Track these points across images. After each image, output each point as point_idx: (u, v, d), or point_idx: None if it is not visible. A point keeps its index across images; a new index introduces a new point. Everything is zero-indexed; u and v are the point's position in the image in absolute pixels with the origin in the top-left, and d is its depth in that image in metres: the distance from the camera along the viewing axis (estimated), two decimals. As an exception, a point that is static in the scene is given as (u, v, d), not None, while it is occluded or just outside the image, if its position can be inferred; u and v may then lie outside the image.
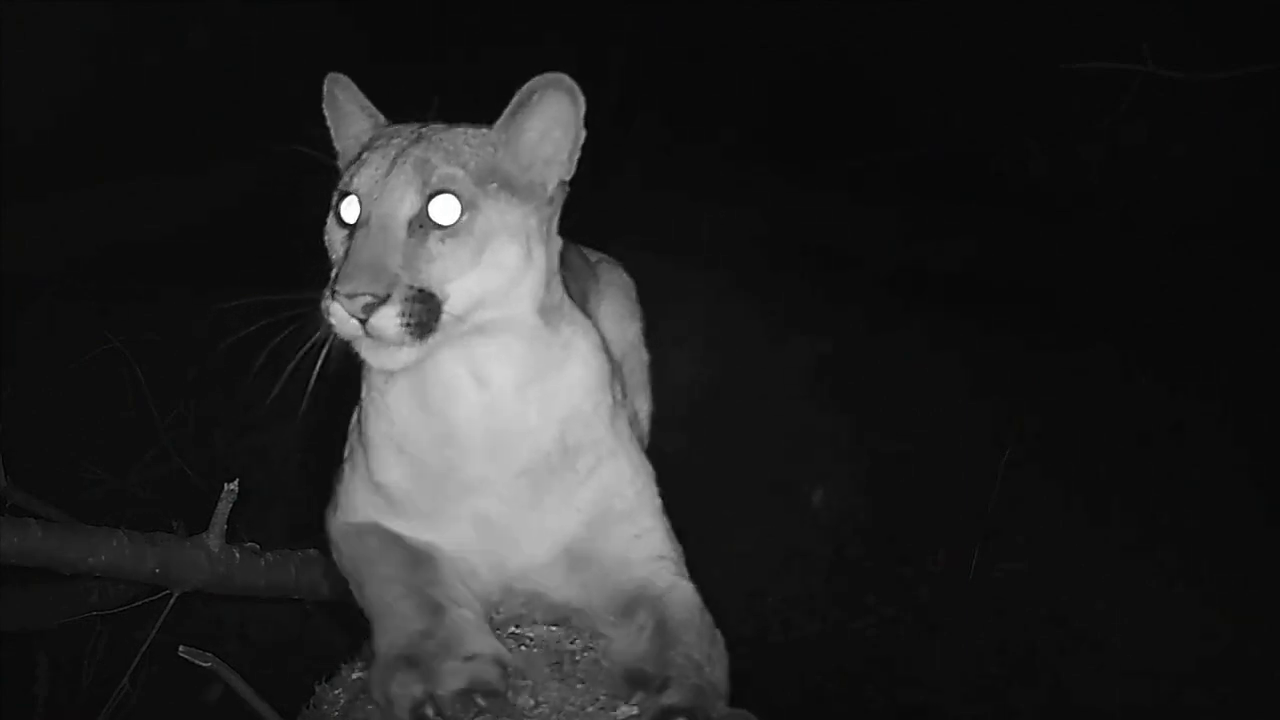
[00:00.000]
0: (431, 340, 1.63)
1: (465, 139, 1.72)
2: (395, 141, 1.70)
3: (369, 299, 1.56)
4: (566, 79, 1.74)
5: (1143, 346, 6.83)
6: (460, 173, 1.66)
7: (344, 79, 1.86)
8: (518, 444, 1.80)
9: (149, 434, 5.16)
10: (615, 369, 2.02)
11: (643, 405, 2.51)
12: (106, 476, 5.05)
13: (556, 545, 1.86)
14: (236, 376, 6.08)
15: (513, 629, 1.88)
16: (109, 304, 6.14)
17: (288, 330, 1.71)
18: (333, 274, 1.64)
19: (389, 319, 1.58)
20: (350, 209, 1.68)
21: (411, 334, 1.60)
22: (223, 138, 8.29)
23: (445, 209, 1.64)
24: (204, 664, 2.31)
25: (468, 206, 1.65)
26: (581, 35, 9.53)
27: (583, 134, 1.77)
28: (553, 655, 1.82)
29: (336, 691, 1.89)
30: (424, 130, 1.73)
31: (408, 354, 1.63)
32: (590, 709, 1.69)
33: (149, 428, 5.14)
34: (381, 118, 1.85)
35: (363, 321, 1.58)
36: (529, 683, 1.73)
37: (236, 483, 2.45)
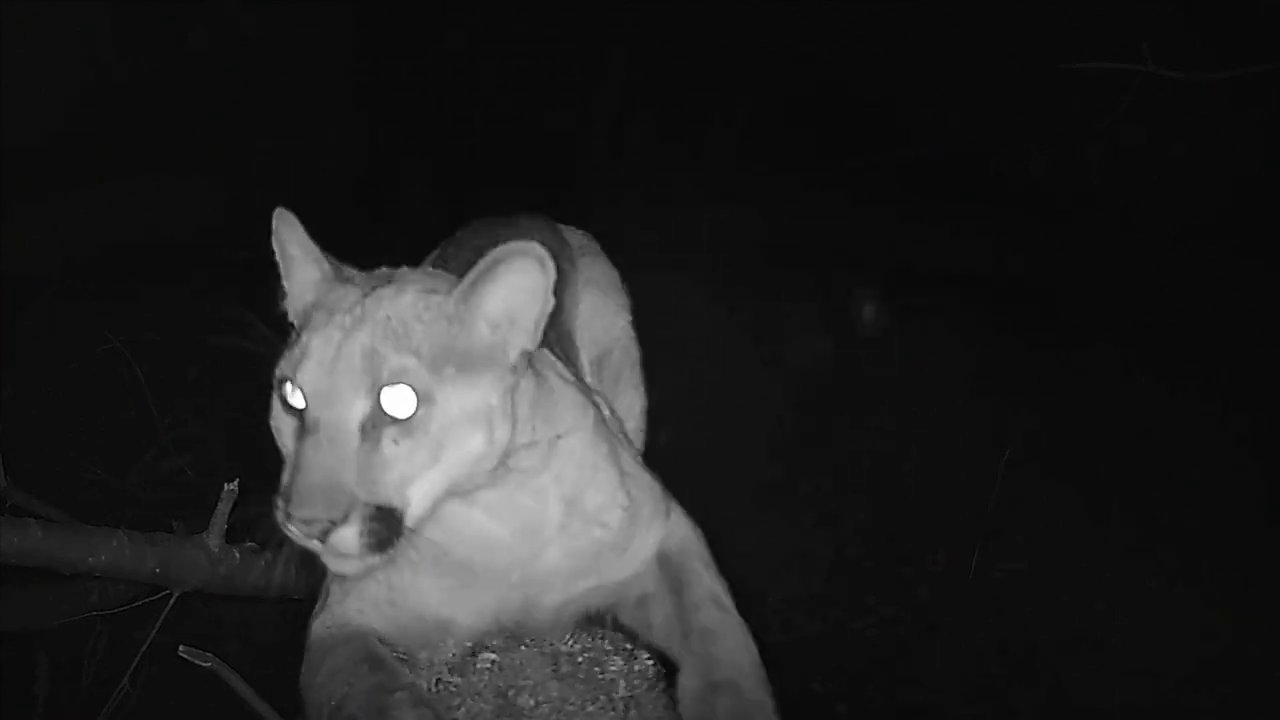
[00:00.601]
0: (395, 549, 1.52)
1: (417, 312, 1.54)
2: (337, 320, 1.53)
3: (325, 524, 1.46)
4: (536, 248, 1.55)
5: (1143, 346, 6.83)
6: (413, 362, 1.49)
7: (289, 217, 1.68)
8: (537, 534, 1.75)
9: (149, 434, 5.16)
10: (598, 393, 2.01)
11: (636, 401, 2.46)
12: (106, 476, 5.05)
13: (561, 587, 1.82)
14: (236, 376, 6.10)
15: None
16: (109, 304, 6.15)
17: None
18: (283, 479, 1.51)
19: (348, 540, 1.47)
20: (295, 398, 1.54)
21: (372, 550, 1.49)
22: (223, 138, 8.30)
23: (399, 400, 1.49)
24: (204, 664, 2.31)
25: (423, 399, 1.49)
26: (582, 35, 9.54)
27: (551, 303, 1.59)
28: (552, 655, 1.82)
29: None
30: (370, 303, 1.54)
31: (371, 562, 1.52)
32: (590, 709, 1.69)
33: (149, 428, 5.14)
34: (327, 265, 1.67)
35: (320, 539, 1.48)
36: (529, 683, 1.73)
37: (236, 483, 2.45)
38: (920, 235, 8.46)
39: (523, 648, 1.83)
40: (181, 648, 2.23)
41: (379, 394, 1.49)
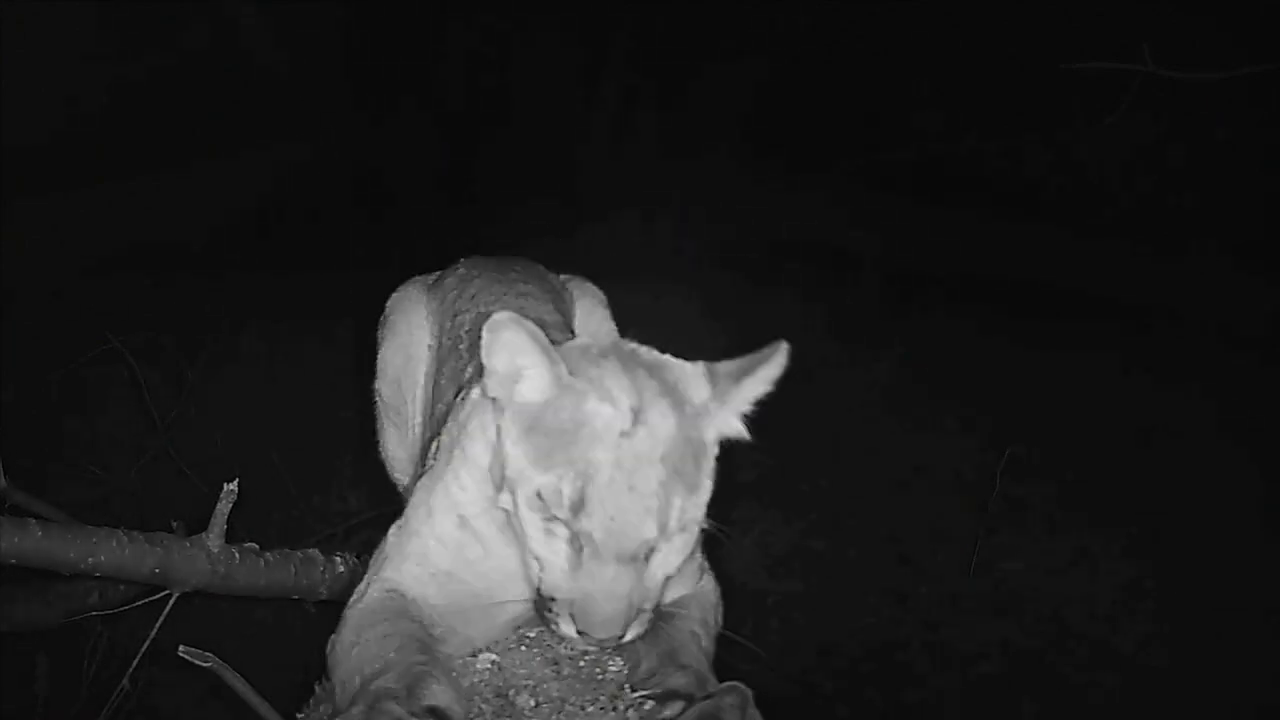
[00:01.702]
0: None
1: (686, 430, 1.61)
2: (618, 461, 1.55)
3: (615, 640, 1.58)
4: (787, 346, 1.75)
5: (1143, 346, 6.84)
6: (694, 501, 1.61)
7: (526, 324, 1.62)
8: None
9: (149, 434, 5.16)
10: None
11: None
12: (106, 476, 5.05)
13: None
14: (236, 376, 6.10)
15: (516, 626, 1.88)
16: (109, 304, 6.15)
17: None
18: (559, 594, 1.59)
19: (629, 636, 1.60)
20: (563, 511, 1.56)
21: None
22: (223, 138, 8.30)
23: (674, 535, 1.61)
24: (204, 664, 2.31)
25: (690, 523, 1.62)
26: (581, 34, 9.55)
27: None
28: (552, 655, 1.83)
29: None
30: (643, 438, 1.56)
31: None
32: (590, 709, 1.69)
33: (149, 428, 5.14)
34: (562, 368, 1.63)
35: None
36: (529, 683, 1.73)
37: (236, 483, 2.44)
38: (920, 235, 8.47)
39: (522, 648, 1.83)
40: (181, 648, 2.23)
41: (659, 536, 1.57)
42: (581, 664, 1.82)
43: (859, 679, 4.88)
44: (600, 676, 1.78)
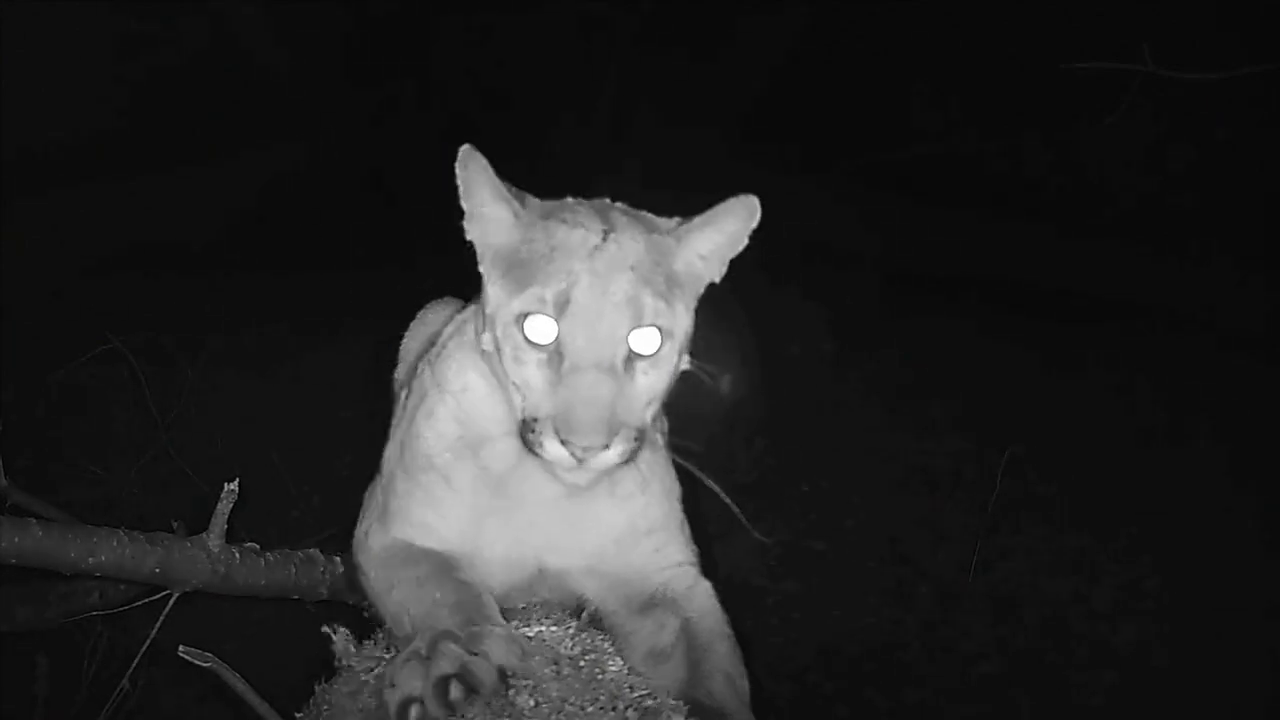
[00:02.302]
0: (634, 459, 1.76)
1: (655, 257, 1.76)
2: (594, 268, 1.70)
3: (599, 449, 1.67)
4: (756, 201, 1.83)
5: (1142, 347, 6.83)
6: (663, 305, 1.72)
7: (477, 157, 1.81)
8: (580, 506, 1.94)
9: (149, 434, 5.16)
10: None
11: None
12: (106, 476, 5.05)
13: (584, 554, 1.99)
14: (236, 376, 6.10)
15: (515, 625, 1.88)
16: (109, 304, 6.15)
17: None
18: (542, 411, 1.70)
19: (612, 456, 1.70)
20: (545, 332, 1.71)
21: (624, 464, 1.74)
22: (223, 138, 8.30)
23: (647, 340, 1.73)
24: (204, 664, 2.31)
25: (666, 335, 1.74)
26: (582, 33, 9.55)
27: (744, 244, 1.88)
28: (553, 655, 1.82)
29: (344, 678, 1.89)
30: (613, 249, 1.72)
31: (600, 476, 1.78)
32: (590, 709, 1.69)
33: (149, 428, 5.14)
34: (518, 205, 1.81)
35: (582, 460, 1.69)
36: (529, 683, 1.73)
37: (236, 483, 2.45)
38: (920, 235, 8.46)
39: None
40: (181, 648, 2.23)
41: (631, 332, 1.70)
42: (582, 664, 1.82)
43: (859, 679, 4.88)
44: (600, 676, 1.78)
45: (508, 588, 1.96)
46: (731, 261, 1.92)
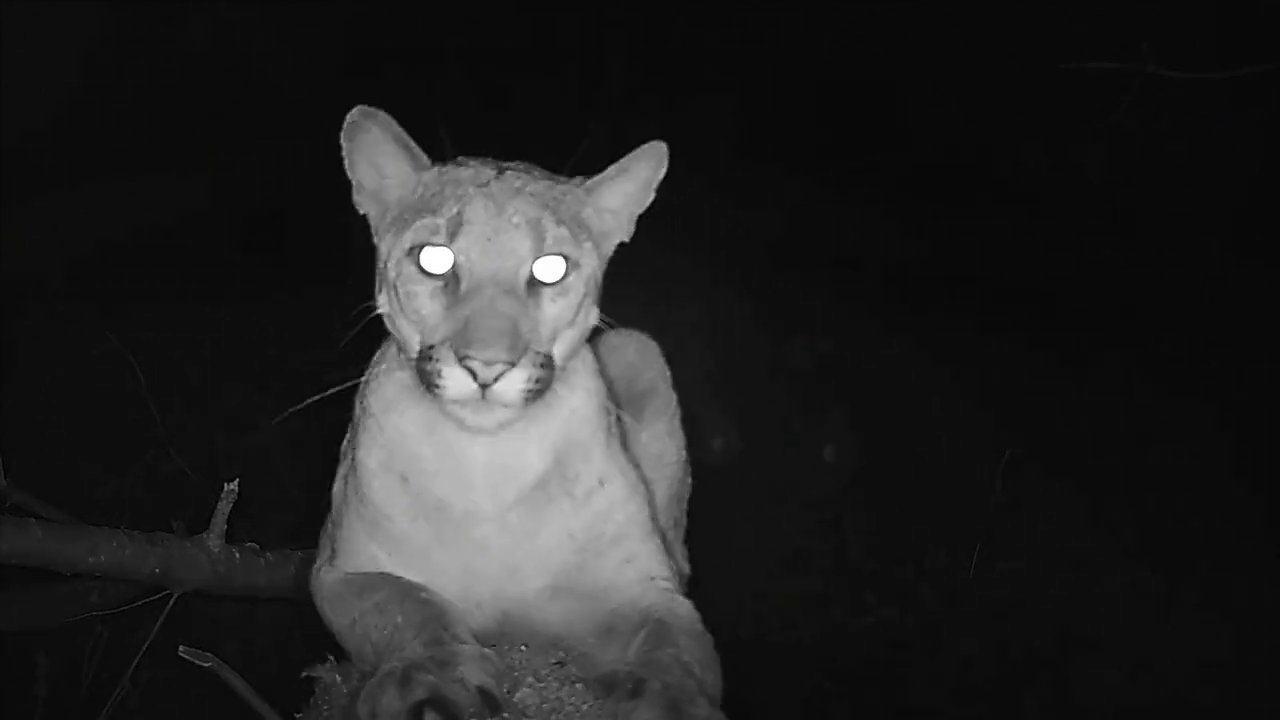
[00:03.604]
0: (535, 404, 1.64)
1: (558, 193, 1.72)
2: (489, 191, 1.66)
3: (502, 366, 1.56)
4: (664, 147, 1.81)
5: (1142, 346, 6.83)
6: (566, 233, 1.67)
7: (381, 114, 1.77)
8: (517, 478, 1.79)
9: (149, 434, 5.16)
10: (610, 385, 2.01)
11: (669, 449, 2.38)
12: (106, 476, 5.05)
13: (548, 572, 1.83)
14: (237, 376, 6.10)
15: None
16: (109, 304, 6.14)
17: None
18: (439, 335, 1.60)
19: (516, 384, 1.58)
20: (440, 262, 1.64)
21: (529, 399, 1.61)
22: (223, 138, 8.29)
23: (551, 268, 1.66)
24: (204, 664, 2.31)
25: (571, 265, 1.68)
26: (582, 33, 9.54)
27: (650, 199, 1.85)
28: (554, 656, 1.82)
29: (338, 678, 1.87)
30: (510, 180, 1.69)
31: (506, 415, 1.64)
32: (586, 707, 1.69)
33: (149, 428, 5.14)
34: (426, 159, 1.77)
35: (485, 386, 1.57)
36: (529, 683, 1.73)
37: (236, 483, 2.45)
38: (920, 235, 8.46)
39: (523, 648, 1.83)
40: (181, 648, 2.23)
41: (535, 260, 1.64)
42: (583, 664, 1.82)
43: (859, 679, 4.88)
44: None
45: (476, 630, 1.79)
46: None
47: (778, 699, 4.56)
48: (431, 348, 1.60)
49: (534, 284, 1.65)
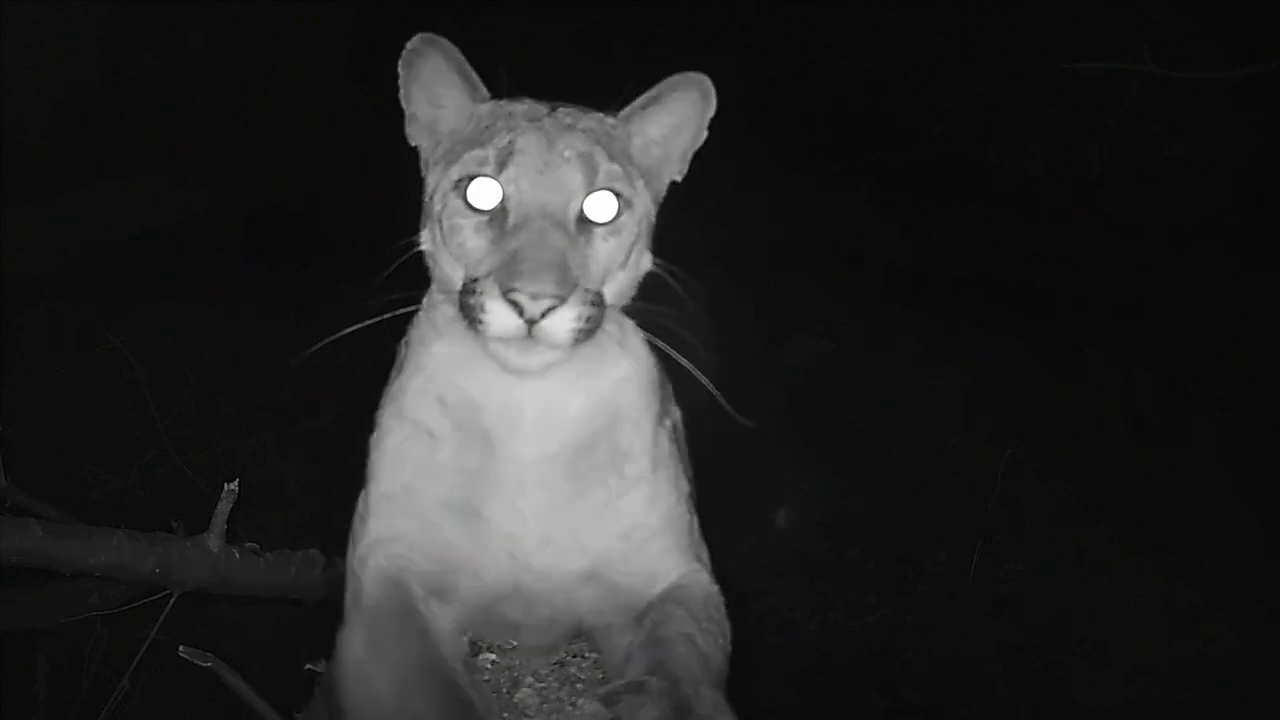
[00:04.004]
0: (584, 349, 1.57)
1: (609, 128, 1.68)
2: (541, 125, 1.61)
3: (552, 300, 1.48)
4: (706, 80, 1.73)
5: (1142, 346, 6.83)
6: (618, 169, 1.61)
7: (444, 41, 1.72)
8: (561, 427, 1.71)
9: (149, 434, 5.16)
10: (662, 377, 1.93)
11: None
12: (106, 476, 5.05)
13: (588, 555, 1.72)
14: (237, 376, 6.10)
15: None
16: (109, 304, 6.14)
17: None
18: (484, 269, 1.53)
19: (565, 322, 1.50)
20: (488, 196, 1.58)
21: (578, 339, 1.53)
22: (222, 138, 8.29)
23: (603, 206, 1.60)
24: (204, 664, 2.31)
25: (624, 205, 1.61)
26: (582, 32, 9.54)
27: (704, 136, 1.77)
28: (555, 657, 1.83)
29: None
30: (564, 116, 1.65)
31: (553, 356, 1.56)
32: (590, 709, 1.69)
33: (149, 428, 5.14)
34: (485, 91, 1.73)
35: (531, 323, 1.50)
36: (529, 683, 1.74)
37: (236, 483, 2.45)
38: (920, 235, 8.46)
39: (514, 645, 1.83)
40: (181, 648, 2.24)
41: (586, 194, 1.58)
42: (583, 665, 1.82)
43: (859, 679, 4.88)
44: (601, 677, 1.78)
45: (490, 598, 1.72)
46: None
47: (778, 699, 4.56)
48: (475, 280, 1.53)
49: (585, 223, 1.59)
